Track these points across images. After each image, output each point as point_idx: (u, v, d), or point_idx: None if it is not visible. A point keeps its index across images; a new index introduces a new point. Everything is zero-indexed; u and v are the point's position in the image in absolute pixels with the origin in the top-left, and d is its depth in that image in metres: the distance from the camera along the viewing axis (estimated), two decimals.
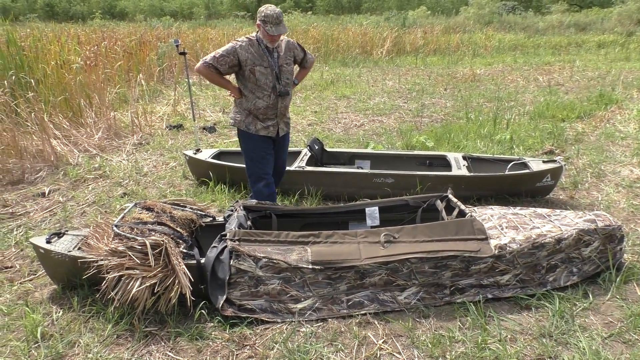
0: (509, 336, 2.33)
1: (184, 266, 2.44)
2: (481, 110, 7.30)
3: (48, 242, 2.71)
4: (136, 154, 5.53)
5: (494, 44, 17.00)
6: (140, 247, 2.42)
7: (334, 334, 2.37)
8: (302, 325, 2.44)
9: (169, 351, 2.29)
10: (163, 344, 2.34)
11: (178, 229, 2.73)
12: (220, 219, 3.05)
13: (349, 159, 4.54)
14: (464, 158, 4.23)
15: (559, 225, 2.72)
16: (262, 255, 2.49)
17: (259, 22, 3.04)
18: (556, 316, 2.44)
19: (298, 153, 4.37)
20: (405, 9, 29.57)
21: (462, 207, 2.98)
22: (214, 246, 2.57)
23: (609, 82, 9.45)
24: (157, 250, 2.41)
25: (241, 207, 2.96)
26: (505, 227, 2.74)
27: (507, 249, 2.57)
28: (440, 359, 2.21)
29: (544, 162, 4.01)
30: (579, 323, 2.41)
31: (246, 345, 2.31)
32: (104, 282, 2.41)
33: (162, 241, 2.43)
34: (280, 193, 4.08)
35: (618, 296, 2.61)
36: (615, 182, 4.37)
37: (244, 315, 2.45)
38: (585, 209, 3.81)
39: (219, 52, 3.12)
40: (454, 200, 3.10)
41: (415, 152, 4.69)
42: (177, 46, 4.39)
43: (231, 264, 2.47)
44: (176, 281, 2.37)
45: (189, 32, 15.56)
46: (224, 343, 2.33)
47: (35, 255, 3.11)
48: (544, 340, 2.29)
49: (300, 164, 4.11)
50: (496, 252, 2.56)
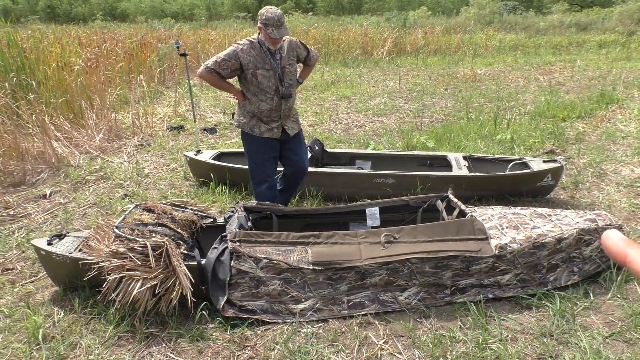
0: (509, 336, 2.34)
1: (184, 267, 2.45)
2: (482, 110, 7.29)
3: (49, 243, 2.71)
4: (137, 156, 5.54)
5: (494, 44, 16.98)
6: (141, 249, 2.42)
7: (334, 335, 2.37)
8: (302, 326, 2.44)
9: (170, 352, 2.30)
10: (164, 345, 2.35)
11: (179, 230, 2.73)
12: (221, 220, 3.05)
13: (349, 159, 4.54)
14: (464, 158, 4.22)
15: (559, 225, 2.72)
16: (262, 256, 2.49)
17: (260, 24, 3.00)
18: (557, 315, 2.44)
19: None
20: (406, 9, 29.57)
21: (463, 207, 2.97)
22: (215, 247, 2.57)
23: (610, 82, 9.43)
24: (157, 252, 2.42)
25: (242, 208, 2.97)
26: (505, 226, 2.74)
27: (508, 248, 2.57)
28: (441, 359, 2.21)
29: (544, 161, 4.01)
30: (580, 322, 2.41)
31: (247, 346, 2.31)
32: (105, 283, 2.41)
33: (163, 242, 2.44)
34: None
35: (619, 295, 2.61)
36: (616, 182, 4.36)
37: (245, 316, 2.46)
38: (586, 208, 3.80)
39: (220, 57, 3.09)
40: (455, 200, 3.09)
41: (416, 152, 4.68)
42: (177, 47, 4.38)
43: (232, 264, 2.48)
44: (177, 282, 2.38)
45: (189, 34, 15.56)
46: (225, 344, 2.33)
47: (36, 257, 3.12)
48: (544, 340, 2.29)
49: None
50: (497, 252, 2.56)
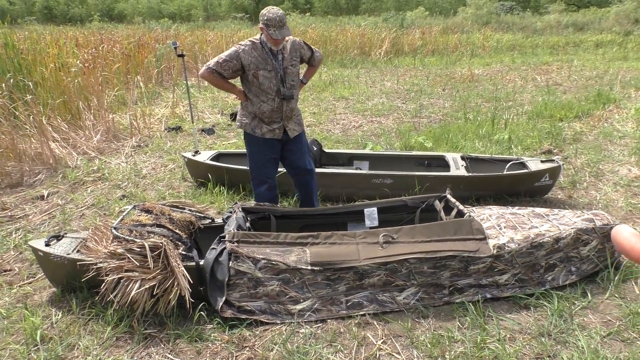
0: (508, 335, 2.34)
1: (183, 268, 2.44)
2: (479, 111, 7.30)
3: (47, 244, 2.70)
4: (135, 156, 5.53)
5: (492, 44, 17.03)
6: (139, 250, 2.42)
7: (333, 335, 2.37)
8: (301, 327, 2.44)
9: (169, 353, 2.29)
10: (162, 345, 2.34)
11: (177, 231, 2.73)
12: (219, 221, 3.05)
13: (347, 159, 4.55)
14: (462, 158, 4.23)
15: (557, 225, 2.73)
16: (261, 256, 2.49)
17: (261, 25, 2.98)
18: (555, 315, 2.45)
19: None
20: (404, 9, 29.63)
21: (461, 207, 2.98)
22: (213, 248, 2.57)
23: (607, 82, 9.46)
24: (156, 253, 2.41)
25: (240, 209, 2.97)
26: (503, 226, 2.74)
27: (506, 248, 2.58)
28: (439, 359, 2.21)
29: (542, 161, 4.01)
30: (578, 322, 2.42)
31: (245, 347, 2.31)
32: (103, 284, 2.41)
33: (161, 243, 2.43)
34: (279, 194, 4.07)
35: (616, 295, 2.62)
36: (614, 181, 4.37)
37: (243, 316, 2.46)
38: (583, 208, 3.82)
39: (222, 57, 3.07)
40: (453, 200, 3.10)
41: (414, 152, 4.68)
42: (175, 48, 4.38)
43: (230, 265, 2.48)
44: (175, 283, 2.38)
45: (187, 34, 15.54)
46: (223, 345, 2.33)
47: (34, 258, 3.11)
48: (542, 340, 2.29)
49: None
50: (495, 251, 2.56)
